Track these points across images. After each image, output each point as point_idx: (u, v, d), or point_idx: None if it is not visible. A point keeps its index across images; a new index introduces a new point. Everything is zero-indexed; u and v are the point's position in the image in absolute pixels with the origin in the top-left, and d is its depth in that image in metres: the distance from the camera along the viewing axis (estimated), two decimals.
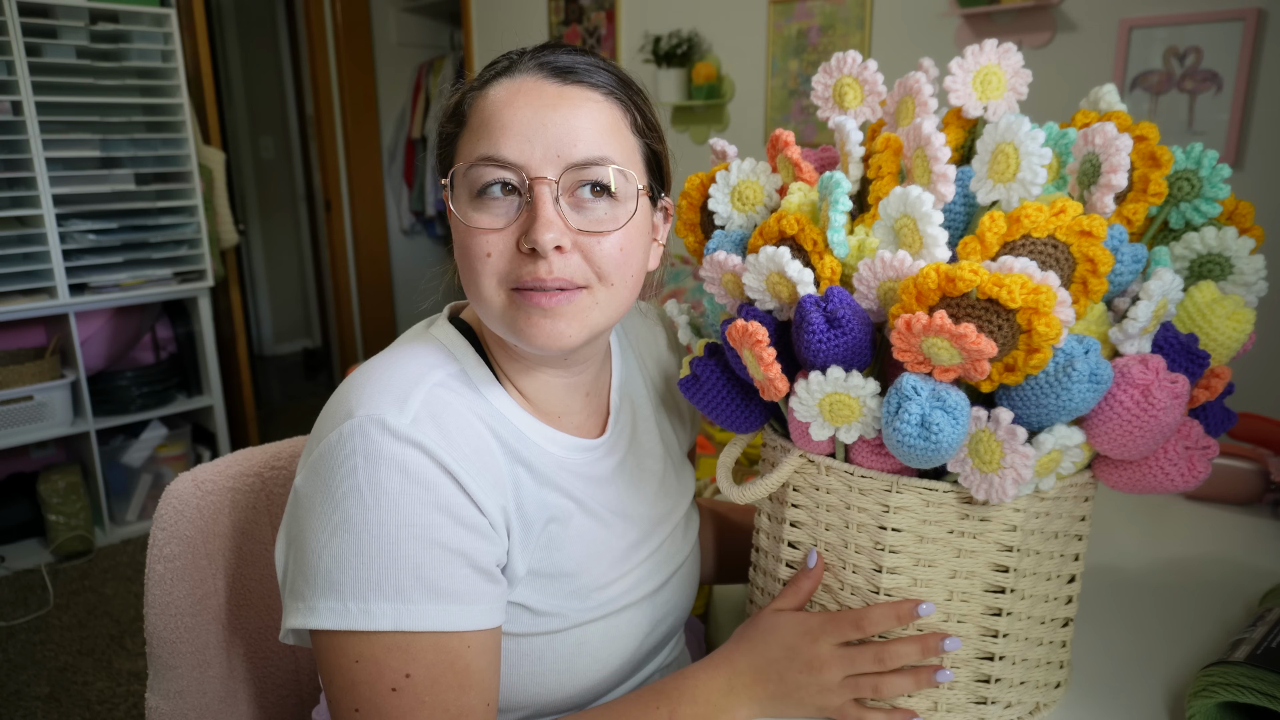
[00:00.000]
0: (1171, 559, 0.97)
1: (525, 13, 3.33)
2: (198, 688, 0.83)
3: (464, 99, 0.69)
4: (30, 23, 2.40)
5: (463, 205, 0.66)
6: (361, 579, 0.59)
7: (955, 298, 0.55)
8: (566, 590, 0.71)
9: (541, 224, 0.62)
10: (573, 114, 0.64)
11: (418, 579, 0.60)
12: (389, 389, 0.63)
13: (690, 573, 0.85)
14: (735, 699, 0.69)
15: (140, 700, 2.01)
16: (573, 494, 0.72)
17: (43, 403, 2.56)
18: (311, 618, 0.60)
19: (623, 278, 0.67)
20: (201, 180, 2.84)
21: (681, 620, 0.84)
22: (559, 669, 0.71)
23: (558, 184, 0.64)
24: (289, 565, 0.63)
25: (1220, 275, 0.66)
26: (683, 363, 0.73)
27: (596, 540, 0.73)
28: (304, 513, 0.62)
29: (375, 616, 0.59)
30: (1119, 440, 0.57)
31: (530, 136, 0.63)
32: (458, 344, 0.71)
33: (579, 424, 0.77)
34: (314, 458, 0.62)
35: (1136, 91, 1.86)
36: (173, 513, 0.81)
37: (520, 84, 0.66)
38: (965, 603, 0.65)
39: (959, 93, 0.67)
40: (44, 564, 2.59)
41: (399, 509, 0.59)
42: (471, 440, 0.65)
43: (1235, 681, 0.64)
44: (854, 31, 2.35)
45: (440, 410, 0.64)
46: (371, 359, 0.69)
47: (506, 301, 0.66)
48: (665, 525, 0.81)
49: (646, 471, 0.81)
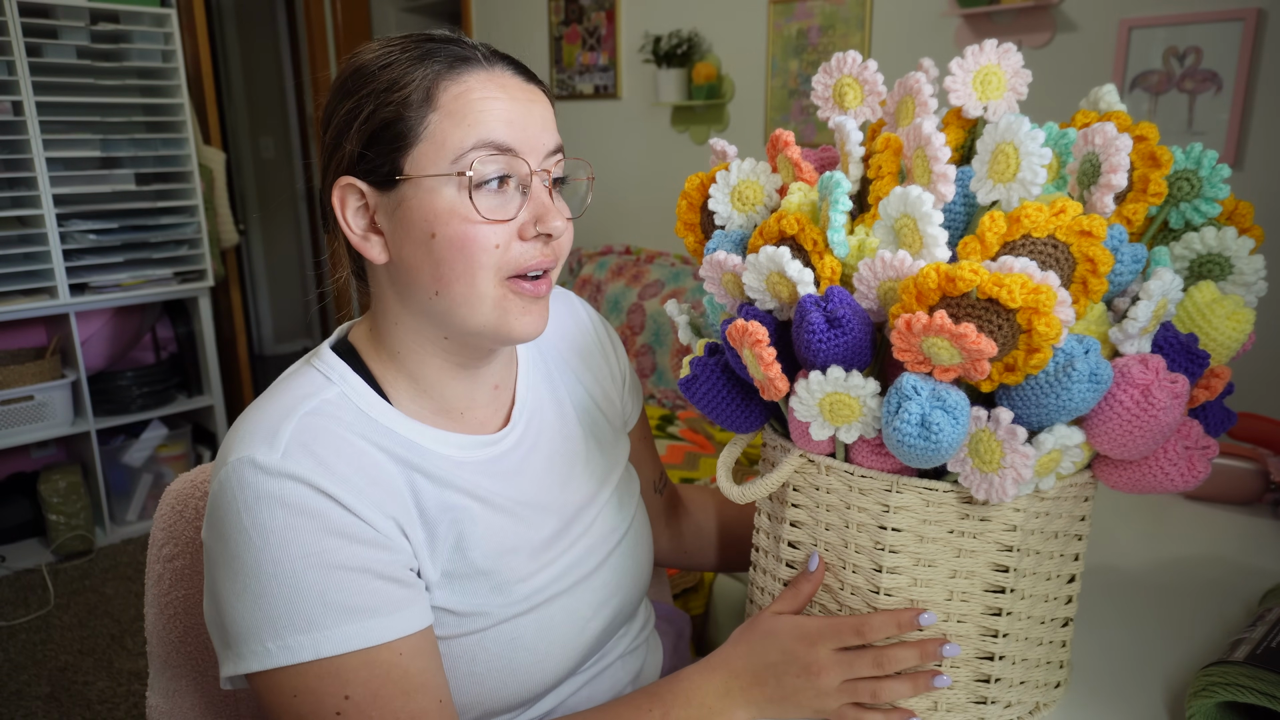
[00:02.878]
0: (1171, 559, 0.97)
1: (525, 13, 3.33)
2: (198, 687, 0.83)
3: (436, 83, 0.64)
4: (30, 23, 2.41)
5: (464, 197, 0.64)
6: (272, 618, 0.60)
7: (955, 297, 0.55)
8: (484, 588, 0.70)
9: (554, 210, 0.66)
10: (543, 110, 0.68)
11: (325, 605, 0.60)
12: (259, 428, 0.64)
13: (634, 545, 0.83)
14: (731, 701, 0.68)
15: (140, 700, 2.01)
16: (475, 493, 0.71)
17: (43, 403, 2.56)
18: (239, 664, 0.61)
19: (562, 261, 0.71)
20: (202, 180, 2.85)
21: (634, 598, 0.82)
22: (496, 667, 0.70)
23: (549, 174, 0.68)
24: (210, 618, 0.64)
25: (1220, 275, 0.66)
26: (683, 362, 0.74)
27: (509, 535, 0.72)
28: (211, 565, 0.63)
29: (294, 650, 0.60)
30: (1119, 440, 0.57)
31: (524, 126, 0.66)
32: (335, 368, 0.70)
33: (484, 419, 0.76)
34: (208, 510, 0.64)
35: (1136, 91, 1.86)
36: (173, 513, 0.81)
37: (499, 77, 0.66)
38: (965, 602, 0.65)
39: (959, 93, 0.67)
40: (44, 564, 2.60)
41: (288, 543, 0.60)
42: (351, 459, 0.64)
43: (1235, 681, 0.64)
44: (854, 31, 2.35)
45: (311, 438, 0.63)
46: (252, 402, 0.69)
47: (502, 294, 0.66)
48: (592, 507, 0.80)
49: (561, 457, 0.79)
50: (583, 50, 3.16)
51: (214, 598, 0.63)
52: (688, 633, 1.05)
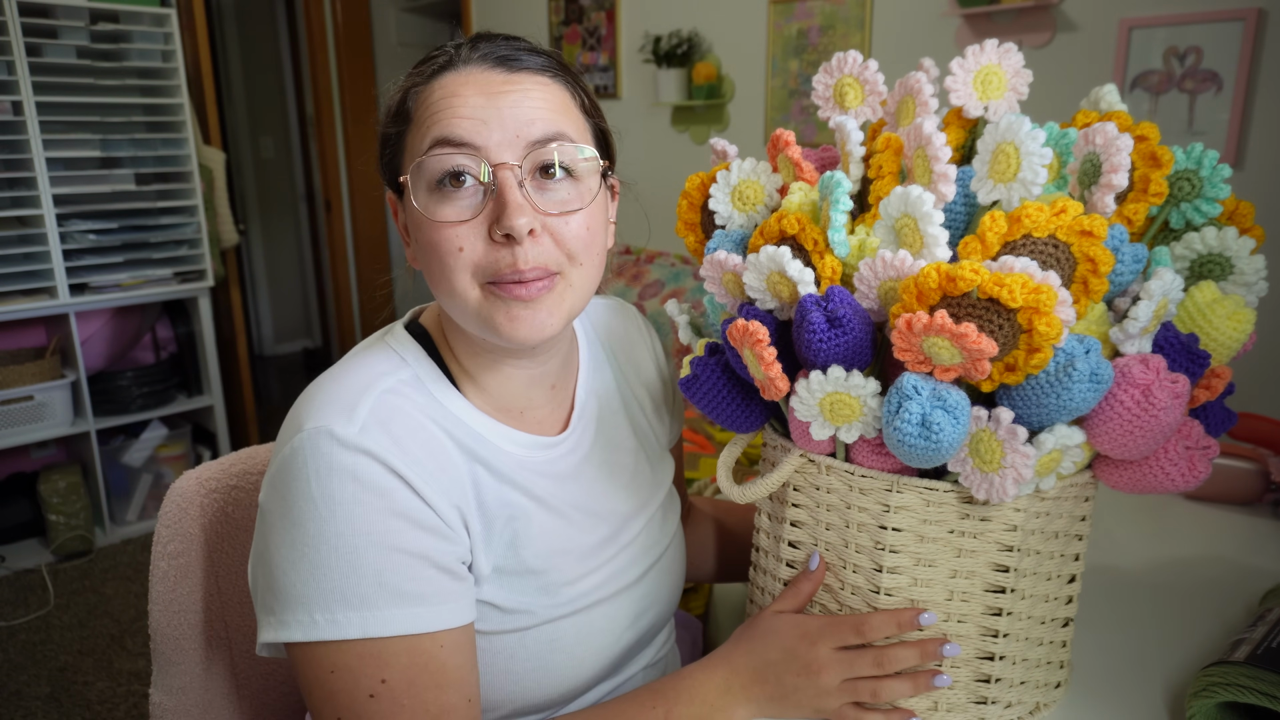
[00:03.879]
0: (1171, 559, 0.97)
1: (525, 13, 3.34)
2: (201, 684, 0.83)
3: (407, 95, 0.67)
4: (30, 23, 2.41)
5: (424, 201, 0.64)
6: (325, 590, 0.60)
7: (956, 297, 0.55)
8: (533, 587, 0.70)
9: (513, 208, 0.61)
10: (524, 97, 0.64)
11: (380, 585, 0.60)
12: (337, 399, 0.64)
13: (673, 562, 0.84)
14: (732, 699, 0.69)
15: (141, 700, 2.01)
16: (533, 492, 0.72)
17: (43, 403, 2.56)
18: (282, 631, 0.61)
19: (590, 256, 0.67)
20: (202, 180, 2.85)
21: (666, 613, 0.83)
22: (534, 666, 0.70)
23: (520, 168, 0.63)
24: (258, 581, 0.64)
25: (1221, 275, 0.66)
26: (683, 362, 0.74)
27: (561, 537, 0.73)
28: (267, 529, 0.62)
29: (342, 626, 0.60)
30: (1119, 440, 0.58)
31: (486, 119, 0.63)
32: (410, 349, 0.71)
33: (542, 419, 0.76)
34: (271, 473, 0.63)
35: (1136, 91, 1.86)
36: (177, 510, 0.82)
37: (468, 75, 0.65)
38: (965, 602, 0.65)
39: (960, 92, 0.67)
40: (44, 564, 2.60)
41: (354, 518, 0.60)
42: (424, 443, 0.65)
43: (1235, 681, 0.64)
44: (854, 31, 2.35)
45: (389, 416, 0.64)
46: (325, 371, 0.69)
47: (482, 297, 0.65)
48: (639, 518, 0.80)
49: (615, 467, 0.80)
50: (583, 50, 3.16)
51: (265, 562, 0.62)
52: (700, 640, 1.05)
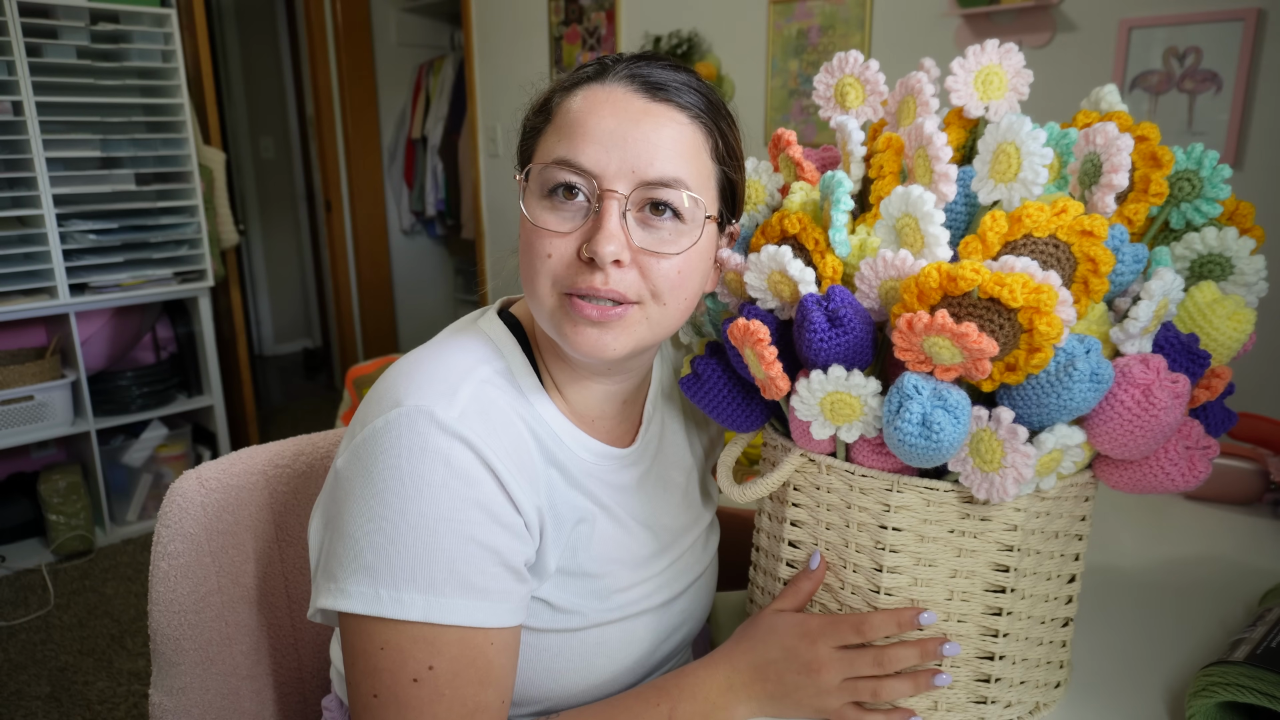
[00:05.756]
0: (1171, 559, 0.98)
1: (525, 13, 3.33)
2: (201, 684, 0.83)
3: (553, 95, 0.69)
4: (30, 23, 2.40)
5: (533, 203, 0.66)
6: (396, 567, 0.60)
7: (957, 297, 0.55)
8: (588, 590, 0.71)
9: (604, 235, 0.62)
10: (655, 131, 0.64)
11: (451, 573, 0.60)
12: (438, 380, 0.64)
13: (708, 584, 0.85)
14: (734, 697, 0.69)
15: (141, 700, 2.01)
16: (599, 499, 0.73)
17: (43, 403, 2.56)
18: (342, 599, 0.60)
19: (676, 299, 0.67)
20: (202, 180, 2.84)
21: (695, 630, 0.85)
22: (575, 667, 0.71)
23: (627, 199, 0.63)
24: (324, 545, 0.64)
25: (1221, 275, 0.66)
26: (684, 362, 0.74)
27: (619, 545, 0.74)
28: (344, 495, 0.62)
29: (406, 605, 0.60)
30: (1120, 440, 0.58)
31: (609, 147, 0.63)
32: (505, 341, 0.72)
33: (610, 430, 0.77)
34: (358, 441, 0.63)
35: (1136, 92, 1.86)
36: (177, 510, 0.82)
37: (609, 92, 0.65)
38: (965, 602, 0.65)
39: (960, 93, 0.67)
40: (44, 564, 2.59)
41: (439, 502, 0.60)
42: (513, 439, 0.65)
43: (1235, 681, 0.64)
44: (854, 31, 2.35)
45: (486, 406, 0.64)
46: (419, 349, 0.69)
47: (557, 304, 0.65)
48: (686, 538, 0.82)
49: (670, 484, 0.81)
50: (583, 50, 3.16)
51: (337, 530, 0.62)
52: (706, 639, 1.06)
